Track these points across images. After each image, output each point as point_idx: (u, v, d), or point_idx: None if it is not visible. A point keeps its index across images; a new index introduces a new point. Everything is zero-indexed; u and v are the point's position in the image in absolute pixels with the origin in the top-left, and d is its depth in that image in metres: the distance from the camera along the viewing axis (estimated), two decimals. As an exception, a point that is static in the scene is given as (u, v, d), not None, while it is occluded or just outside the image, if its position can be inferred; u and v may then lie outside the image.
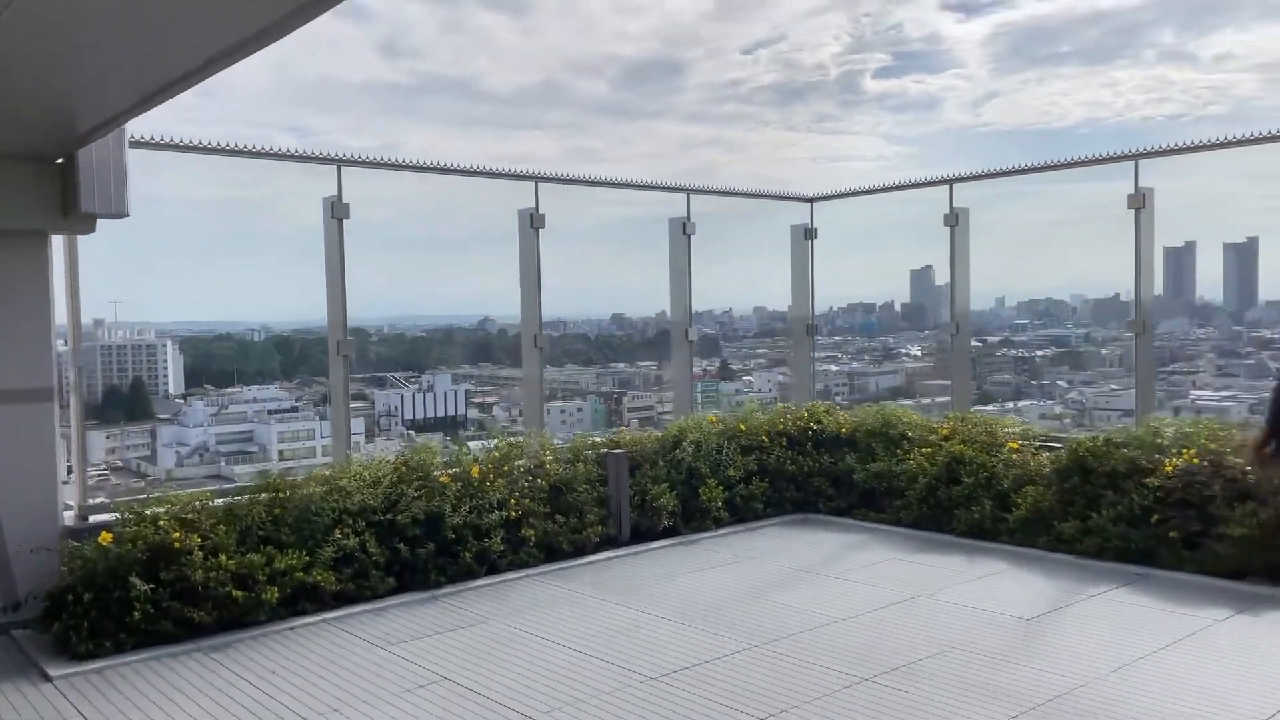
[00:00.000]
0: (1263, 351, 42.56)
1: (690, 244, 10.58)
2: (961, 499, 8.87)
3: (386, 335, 44.48)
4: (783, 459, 9.93)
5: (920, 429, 9.82)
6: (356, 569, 7.41)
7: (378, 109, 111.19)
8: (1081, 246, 18.29)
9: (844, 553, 8.54)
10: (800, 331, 11.64)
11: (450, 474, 8.26)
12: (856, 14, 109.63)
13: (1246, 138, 8.77)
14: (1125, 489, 7.94)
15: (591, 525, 8.63)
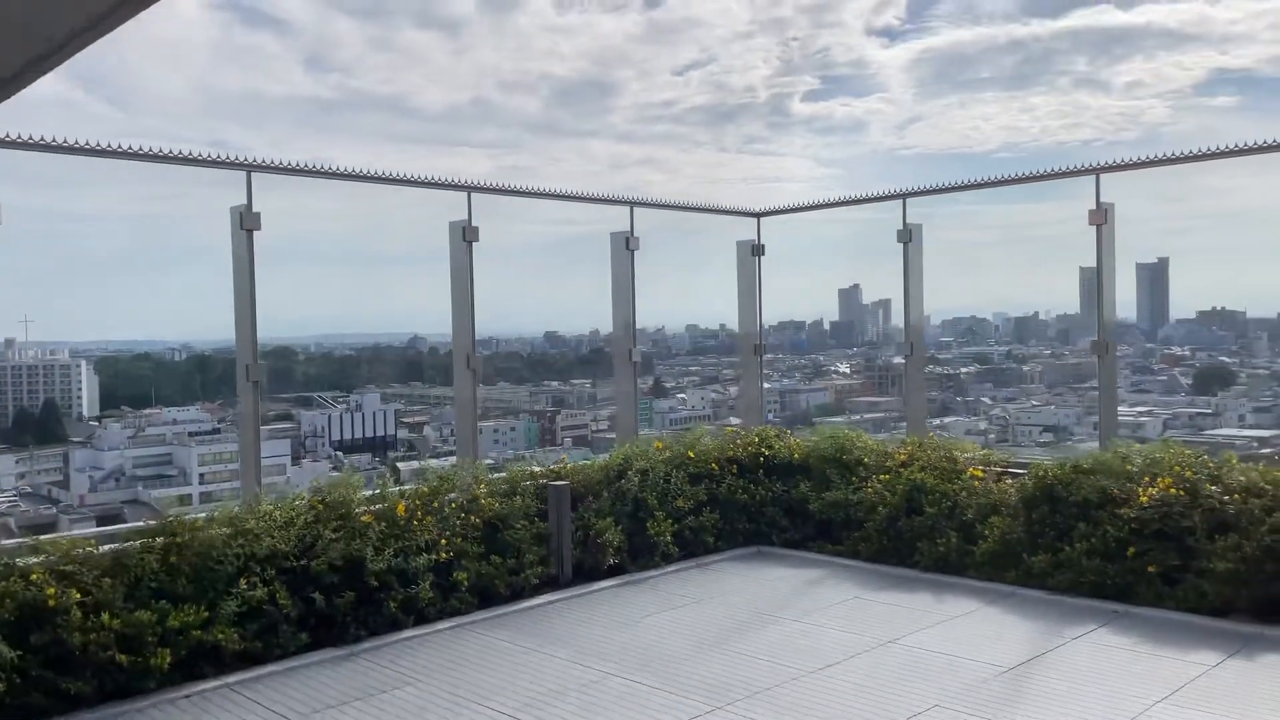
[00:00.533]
0: (1174, 368, 43.25)
1: (634, 259, 9.88)
2: (924, 530, 8.29)
3: (314, 354, 42.74)
4: (734, 488, 9.26)
5: (876, 454, 9.24)
6: (264, 624, 6.51)
7: (302, 124, 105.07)
8: (1004, 267, 18.11)
9: (803, 591, 7.87)
10: (748, 350, 11.01)
11: (373, 511, 7.39)
12: (785, 38, 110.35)
13: (1205, 152, 8.39)
14: (1098, 520, 7.42)
15: (531, 565, 7.83)
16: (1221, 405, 50.93)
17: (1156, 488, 7.29)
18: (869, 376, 62.01)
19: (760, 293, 10.98)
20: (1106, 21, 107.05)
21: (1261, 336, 56.58)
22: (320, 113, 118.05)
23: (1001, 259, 29.35)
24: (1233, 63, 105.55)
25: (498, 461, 35.96)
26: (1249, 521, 6.81)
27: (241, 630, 6.32)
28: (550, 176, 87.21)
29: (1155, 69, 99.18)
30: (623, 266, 9.92)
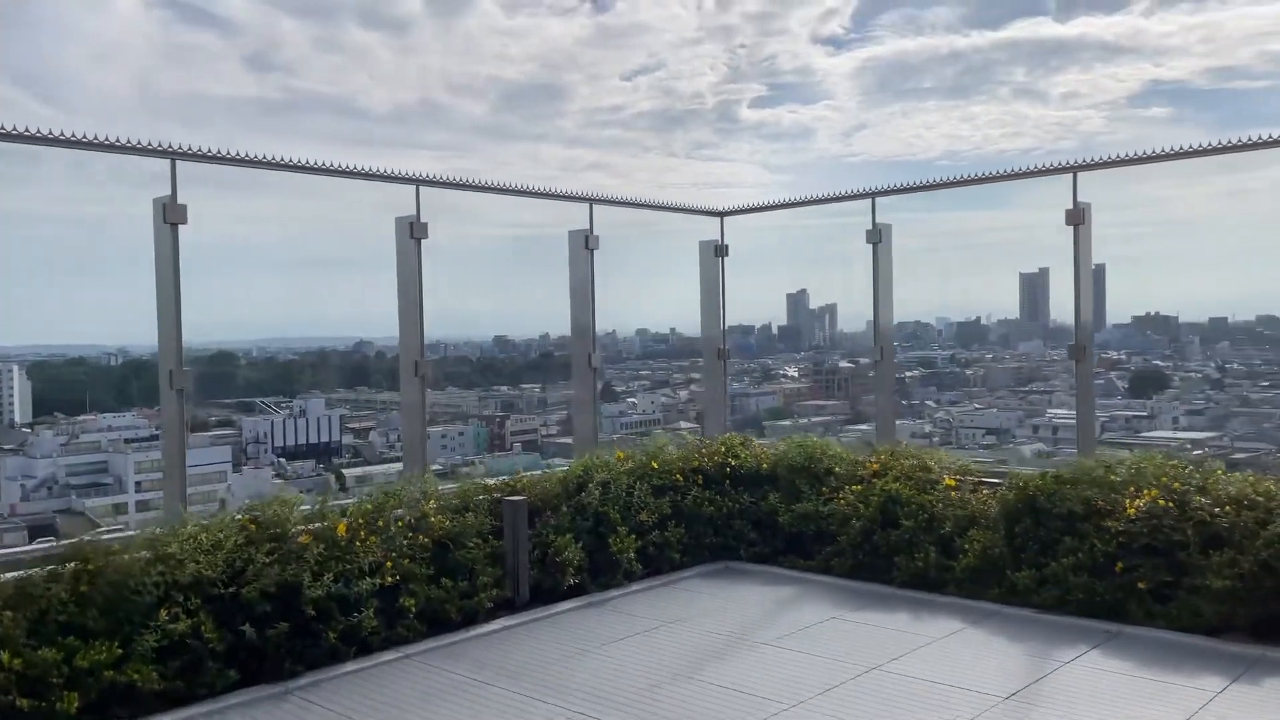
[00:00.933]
0: (1111, 371, 43.69)
1: (593, 260, 9.29)
2: (901, 545, 7.81)
3: (256, 359, 41.39)
4: (700, 500, 8.71)
5: (847, 464, 8.76)
6: (187, 661, 5.82)
7: (246, 125, 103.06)
8: (945, 273, 18.20)
9: (776, 611, 7.35)
10: (711, 354, 10.48)
11: (311, 531, 6.70)
12: (732, 45, 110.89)
13: (1185, 150, 8.06)
14: (1083, 533, 7.01)
15: (485, 588, 7.20)
16: (1156, 408, 51.90)
17: (1144, 499, 6.90)
18: (816, 380, 62.30)
19: (724, 295, 10.46)
20: (1044, 33, 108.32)
21: (1193, 341, 57.74)
22: (264, 114, 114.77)
23: (943, 265, 29.43)
24: (1166, 75, 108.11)
25: (446, 467, 35.03)
26: (1243, 535, 6.44)
27: (161, 668, 5.62)
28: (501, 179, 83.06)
29: (1091, 80, 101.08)
30: (581, 267, 9.33)
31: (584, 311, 9.34)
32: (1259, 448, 41.87)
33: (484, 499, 7.85)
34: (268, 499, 6.87)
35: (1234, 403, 45.47)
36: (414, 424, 8.25)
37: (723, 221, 10.43)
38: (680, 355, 47.83)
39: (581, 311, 9.35)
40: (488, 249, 27.34)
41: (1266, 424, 43.68)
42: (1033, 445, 44.96)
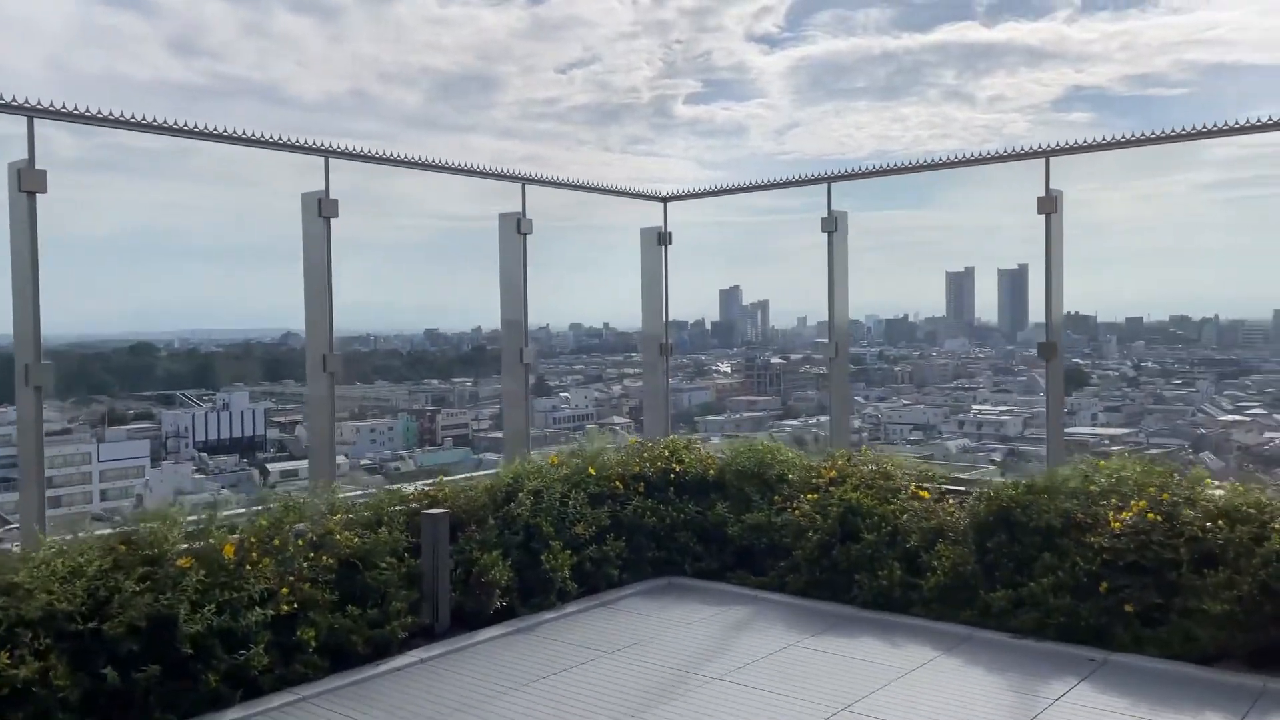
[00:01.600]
0: (1033, 369, 43.48)
1: (526, 245, 8.34)
2: (862, 560, 7.03)
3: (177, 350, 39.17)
4: (641, 510, 7.82)
5: (801, 470, 7.97)
6: (31, 713, 4.74)
7: (170, 110, 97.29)
8: (873, 271, 17.98)
9: (728, 636, 6.51)
10: (652, 349, 9.60)
11: (193, 553, 5.65)
12: (668, 40, 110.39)
13: (1148, 136, 7.41)
14: (1063, 549, 6.32)
15: (398, 614, 6.22)
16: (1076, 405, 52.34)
17: (1129, 512, 6.22)
18: (749, 376, 61.86)
19: (666, 286, 9.59)
20: (972, 37, 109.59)
21: (1111, 340, 58.66)
22: (188, 99, 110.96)
23: (871, 264, 29.51)
24: (1087, 80, 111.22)
25: (375, 462, 33.31)
26: (1238, 552, 5.79)
27: (-8, 727, 4.55)
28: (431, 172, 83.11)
29: (1017, 84, 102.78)
30: (512, 253, 8.36)
31: (515, 302, 8.38)
32: (1172, 443, 42.26)
33: (400, 510, 6.86)
34: (145, 512, 5.78)
35: (1149, 400, 46.08)
36: (321, 425, 7.21)
37: (666, 208, 9.56)
38: (614, 350, 46.85)
39: (512, 302, 8.39)
40: (419, 240, 25.34)
41: (1179, 420, 44.17)
42: (958, 441, 44.95)
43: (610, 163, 51.47)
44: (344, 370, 7.35)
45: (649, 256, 9.58)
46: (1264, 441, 49.50)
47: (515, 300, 8.38)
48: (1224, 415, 51.71)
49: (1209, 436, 51.36)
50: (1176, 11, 73.04)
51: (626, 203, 9.51)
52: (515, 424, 8.49)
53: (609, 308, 40.47)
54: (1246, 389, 53.95)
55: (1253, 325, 61.81)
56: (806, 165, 64.64)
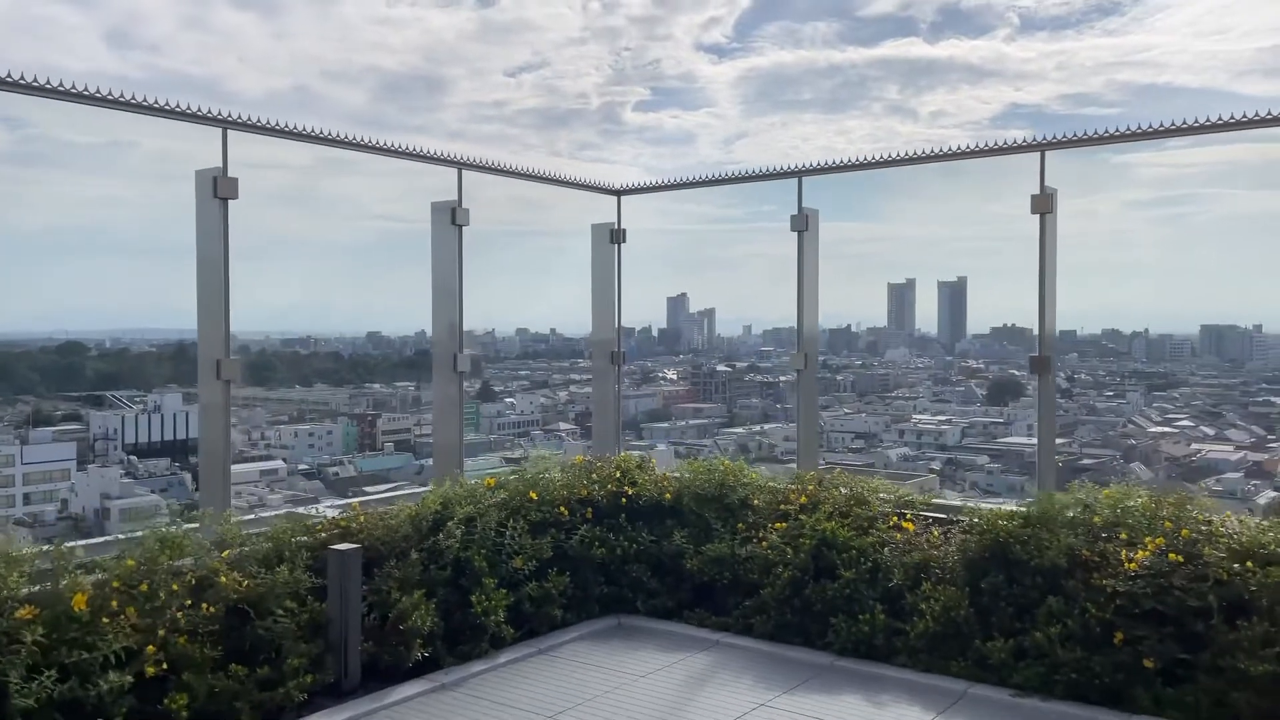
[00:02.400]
0: (970, 379, 43.62)
1: (462, 238, 7.26)
2: (839, 601, 6.09)
3: (108, 350, 36.99)
4: (589, 539, 6.78)
5: (767, 494, 7.01)
6: None
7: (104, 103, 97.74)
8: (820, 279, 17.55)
9: (687, 693, 5.49)
10: (603, 357, 8.57)
11: (36, 602, 4.48)
12: (617, 47, 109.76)
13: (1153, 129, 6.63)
14: (1070, 592, 5.44)
15: (296, 672, 5.10)
16: (1012, 415, 52.30)
17: (1145, 550, 5.35)
18: (694, 383, 61.13)
19: (620, 287, 8.57)
20: (915, 54, 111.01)
21: (1047, 352, 56.97)
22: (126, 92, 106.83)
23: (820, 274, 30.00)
24: (1025, 99, 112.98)
25: (313, 467, 31.68)
26: (1272, 600, 4.95)
27: None
28: (373, 173, 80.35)
29: (957, 100, 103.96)
30: (447, 247, 7.28)
31: (448, 301, 7.29)
32: (1104, 454, 42.17)
33: (306, 543, 5.73)
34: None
35: (1081, 411, 46.10)
36: (214, 442, 6.05)
37: (620, 202, 8.55)
38: (561, 355, 45.45)
39: (446, 302, 7.30)
40: (363, 241, 24.35)
41: (1111, 431, 44.20)
42: (899, 449, 44.36)
43: (559, 167, 50.70)
44: (243, 375, 6.19)
45: (600, 256, 8.55)
46: (1191, 453, 49.86)
47: (449, 299, 7.29)
48: (1153, 427, 52.19)
49: (1139, 447, 51.76)
50: (1111, 33, 74.36)
51: (577, 206, 8.53)
52: (447, 438, 7.40)
53: (556, 313, 38.20)
54: (1174, 401, 54.59)
55: (1180, 339, 62.40)
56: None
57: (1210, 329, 67.72)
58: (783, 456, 54.05)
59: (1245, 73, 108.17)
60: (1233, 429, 53.88)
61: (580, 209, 8.73)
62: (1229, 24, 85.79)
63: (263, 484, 57.21)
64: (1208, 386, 58.49)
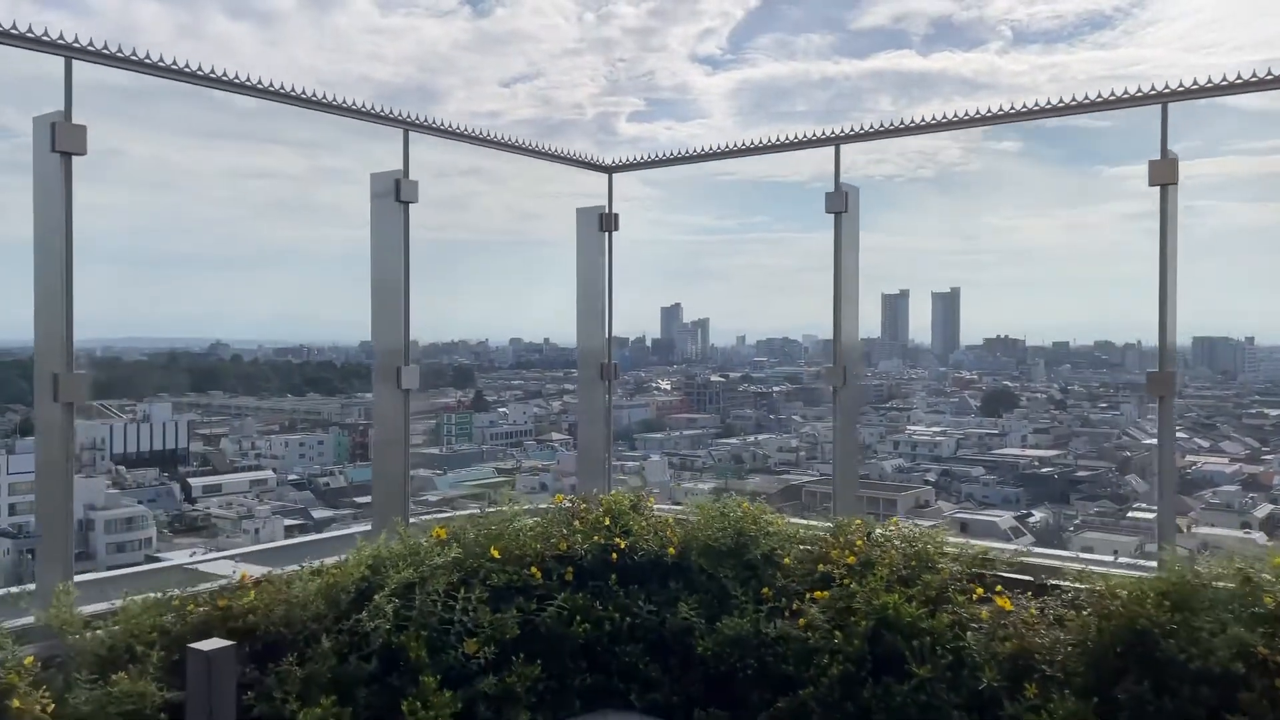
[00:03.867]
0: (964, 390, 42.15)
1: (408, 214, 5.48)
2: (911, 709, 4.29)
3: (100, 358, 35.42)
4: (567, 611, 4.99)
5: (799, 546, 5.24)
6: None
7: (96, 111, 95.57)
8: (810, 291, 15.59)
9: None
10: (590, 368, 6.79)
11: None
12: (612, 58, 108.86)
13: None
14: (1255, 709, 3.65)
15: (120, 846, 3.28)
16: (1006, 426, 50.63)
17: (1359, 653, 3.58)
18: (688, 393, 59.22)
19: (610, 284, 6.79)
20: (907, 66, 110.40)
21: (1039, 363, 57.33)
22: (119, 100, 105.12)
23: (810, 284, 28.14)
24: None
25: (303, 477, 30.33)
26: None
27: None
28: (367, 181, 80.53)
29: (950, 113, 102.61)
30: (388, 228, 5.49)
31: (391, 296, 5.51)
32: (1099, 465, 40.47)
33: (170, 632, 3.94)
34: None
35: (1075, 422, 44.28)
36: (52, 481, 4.25)
37: (611, 181, 6.79)
38: (554, 365, 43.57)
39: (388, 296, 5.52)
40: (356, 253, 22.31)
41: (1105, 443, 42.40)
42: (894, 461, 42.65)
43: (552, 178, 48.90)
44: (87, 392, 4.42)
45: (587, 246, 6.77)
46: (1186, 465, 48.17)
47: (392, 294, 5.51)
48: (1148, 439, 50.46)
49: (1134, 460, 49.88)
50: (1104, 47, 73.31)
51: (571, 213, 6.76)
52: (389, 474, 5.61)
53: (550, 322, 36.63)
54: (1168, 413, 50.97)
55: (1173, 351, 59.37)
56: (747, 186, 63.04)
57: (1203, 341, 66.41)
58: (776, 467, 52.13)
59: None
60: (1227, 441, 52.41)
61: (561, 223, 6.98)
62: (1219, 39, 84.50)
63: (252, 494, 55.03)
64: (1200, 398, 57.06)
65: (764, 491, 53.69)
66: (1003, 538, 46.24)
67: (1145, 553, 5.84)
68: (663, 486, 59.43)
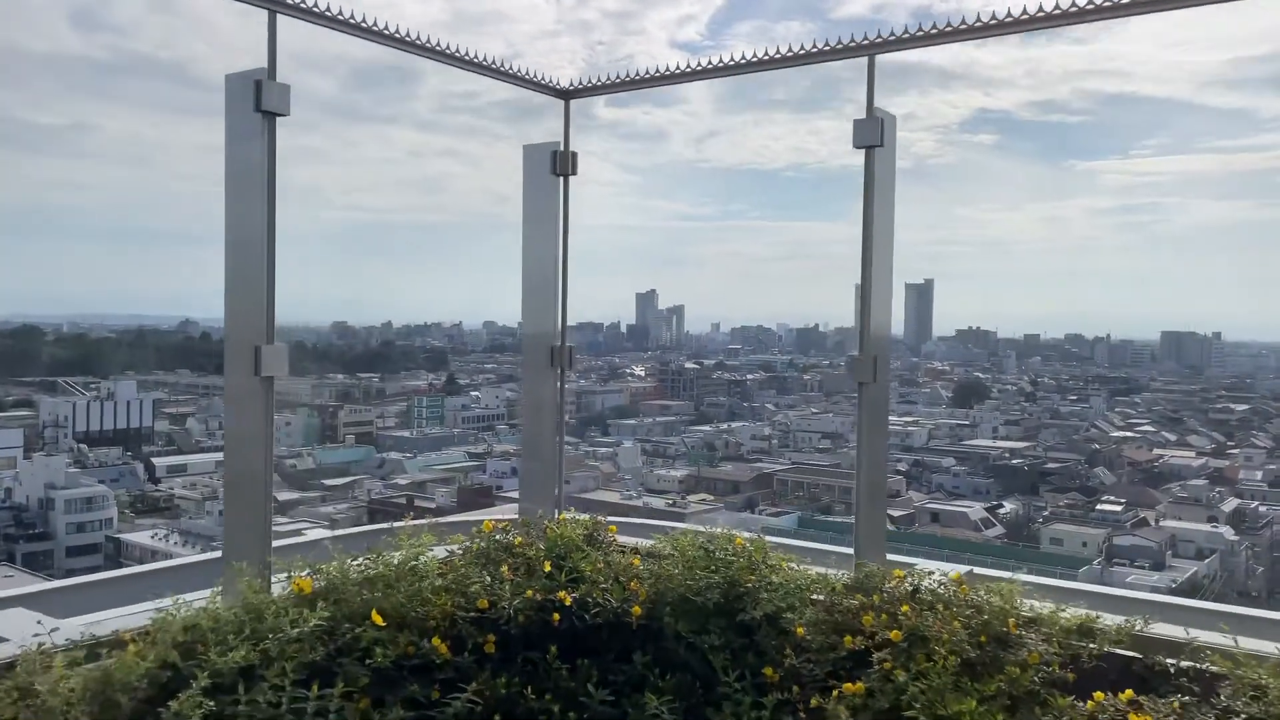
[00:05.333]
0: (936, 381, 41.32)
1: (274, 131, 3.74)
2: None
3: (65, 334, 33.26)
4: (482, 706, 3.30)
5: (814, 605, 3.62)
6: None
7: (71, 86, 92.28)
8: (787, 280, 13.69)
9: None
10: (538, 356, 5.10)
11: None
12: (590, 40, 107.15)
13: None
14: None
15: None
16: (978, 417, 49.40)
17: None
18: (662, 380, 57.76)
19: (565, 248, 5.09)
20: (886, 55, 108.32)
21: (1010, 355, 56.42)
22: (93, 74, 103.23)
23: (785, 273, 26.99)
24: (993, 104, 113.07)
25: (281, 460, 27.66)
26: None
27: None
28: (345, 160, 78.24)
29: (928, 104, 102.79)
30: (247, 150, 3.76)
31: (250, 255, 3.78)
32: (1069, 458, 39.19)
33: None
34: None
35: (1045, 414, 43.09)
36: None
37: (568, 109, 5.09)
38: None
39: (246, 255, 3.79)
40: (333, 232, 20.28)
41: (1075, 436, 41.22)
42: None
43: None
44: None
45: (537, 194, 5.07)
46: (1154, 458, 47.26)
47: (251, 251, 3.78)
48: (1115, 431, 49.40)
49: (1102, 452, 48.84)
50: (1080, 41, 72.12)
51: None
52: (247, 488, 3.89)
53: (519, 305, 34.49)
54: (1136, 406, 51.80)
55: (1141, 345, 60.29)
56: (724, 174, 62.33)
57: (1171, 335, 65.49)
58: (749, 455, 50.64)
59: (1209, 84, 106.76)
60: (1194, 435, 51.47)
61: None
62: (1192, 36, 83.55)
63: (217, 475, 53.42)
64: (1168, 392, 56.11)
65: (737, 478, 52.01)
66: (973, 528, 45.08)
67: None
68: (635, 473, 57.92)
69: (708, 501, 48.05)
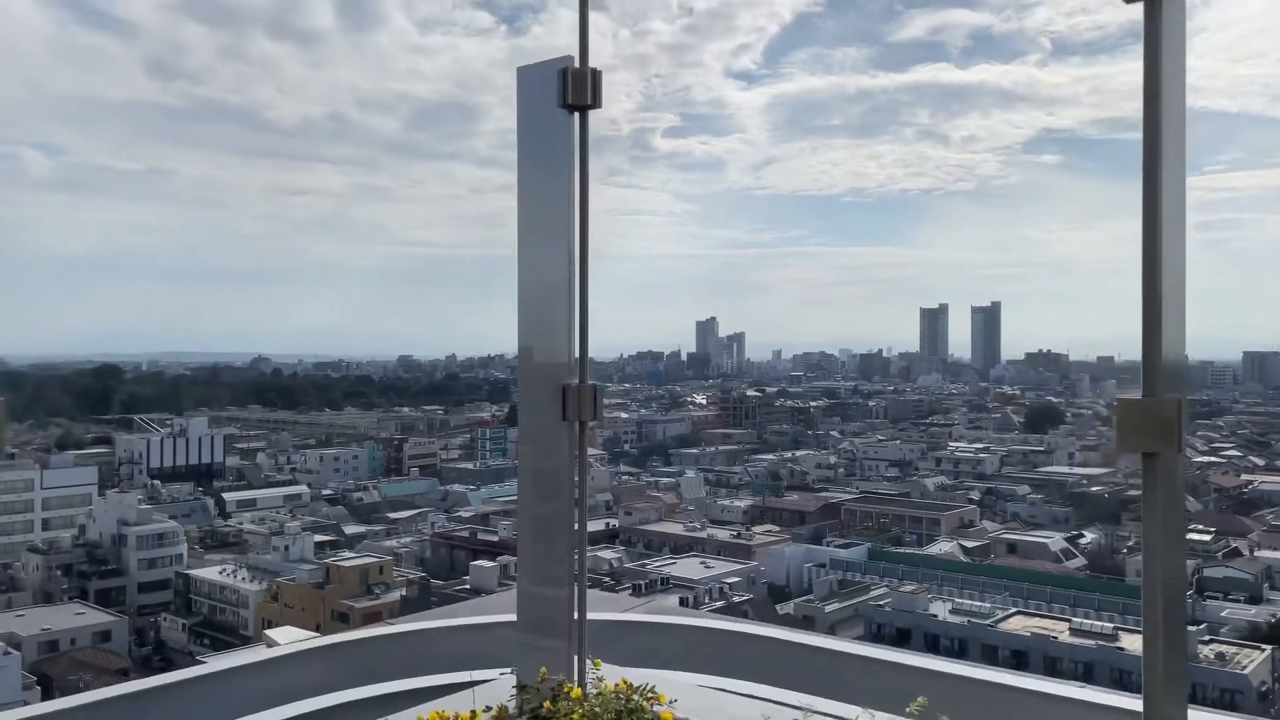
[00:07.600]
0: (1006, 406, 36.76)
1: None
2: None
3: (144, 373, 32.56)
4: None
5: None
6: None
7: (144, 132, 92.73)
8: (848, 305, 10.06)
9: None
10: (540, 398, 3.04)
11: None
12: (647, 74, 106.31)
13: None
14: None
15: None
16: (1053, 443, 45.27)
17: None
18: (723, 408, 54.92)
19: (585, 234, 3.04)
20: (946, 79, 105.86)
21: (1084, 378, 52.25)
22: (165, 120, 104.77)
23: (846, 298, 22.75)
24: (1057, 123, 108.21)
25: (337, 492, 26.06)
26: None
27: None
28: (408, 199, 76.74)
29: (990, 125, 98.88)
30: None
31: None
32: (1150, 484, 32.45)
33: None
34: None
35: (1123, 440, 36.05)
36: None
37: (585, 7, 3.07)
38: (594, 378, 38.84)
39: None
40: (398, 268, 16.97)
41: (1155, 461, 34.29)
42: (936, 478, 37.36)
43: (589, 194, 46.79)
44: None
45: (536, 133, 3.06)
46: (1242, 484, 42.38)
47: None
48: (1199, 456, 44.69)
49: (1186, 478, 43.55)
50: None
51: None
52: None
53: (594, 334, 31.35)
54: (1219, 430, 46.86)
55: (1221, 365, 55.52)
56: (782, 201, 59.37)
57: (1253, 355, 60.62)
58: (814, 484, 47.75)
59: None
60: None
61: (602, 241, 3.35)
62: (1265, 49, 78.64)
63: (286, 509, 52.13)
64: (1253, 414, 51.42)
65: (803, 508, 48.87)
66: (1053, 559, 41.23)
67: None
68: (699, 503, 55.34)
69: (773, 532, 45.01)
